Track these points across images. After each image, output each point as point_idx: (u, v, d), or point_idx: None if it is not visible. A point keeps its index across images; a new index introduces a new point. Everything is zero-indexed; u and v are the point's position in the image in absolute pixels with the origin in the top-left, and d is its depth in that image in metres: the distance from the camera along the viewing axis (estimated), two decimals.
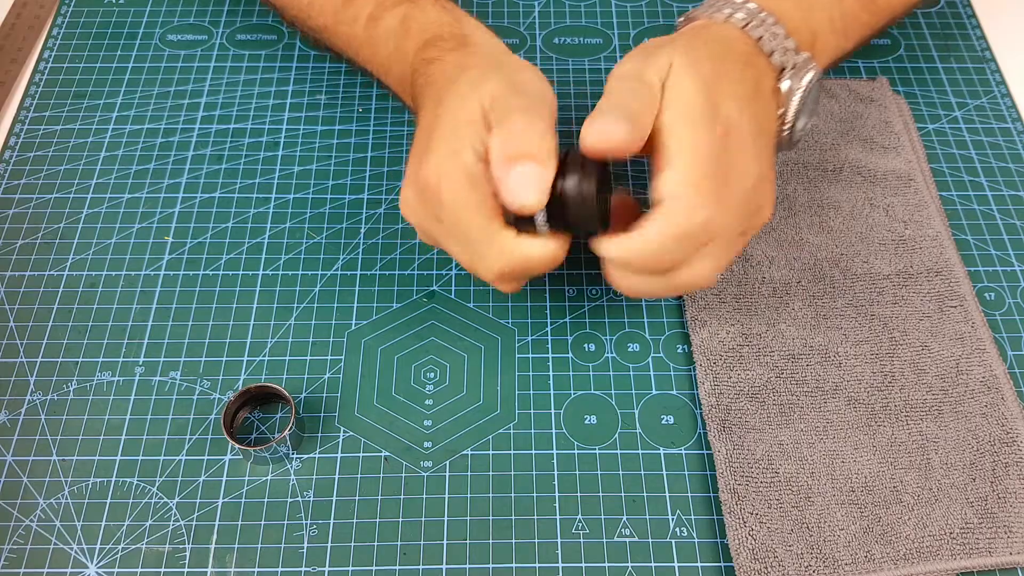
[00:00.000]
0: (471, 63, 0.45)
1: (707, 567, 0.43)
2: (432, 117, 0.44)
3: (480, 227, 0.41)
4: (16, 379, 0.48)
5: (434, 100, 0.44)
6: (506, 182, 0.39)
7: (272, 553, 0.43)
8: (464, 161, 0.41)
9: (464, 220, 0.41)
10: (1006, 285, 0.52)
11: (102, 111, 0.60)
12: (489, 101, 0.41)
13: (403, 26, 0.49)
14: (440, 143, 0.42)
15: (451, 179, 0.41)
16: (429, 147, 0.42)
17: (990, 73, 0.62)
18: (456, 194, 0.41)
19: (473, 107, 0.42)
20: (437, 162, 0.41)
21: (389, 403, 0.48)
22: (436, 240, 0.44)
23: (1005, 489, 0.44)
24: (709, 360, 0.48)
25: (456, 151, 0.41)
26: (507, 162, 0.39)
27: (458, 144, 0.41)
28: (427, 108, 0.45)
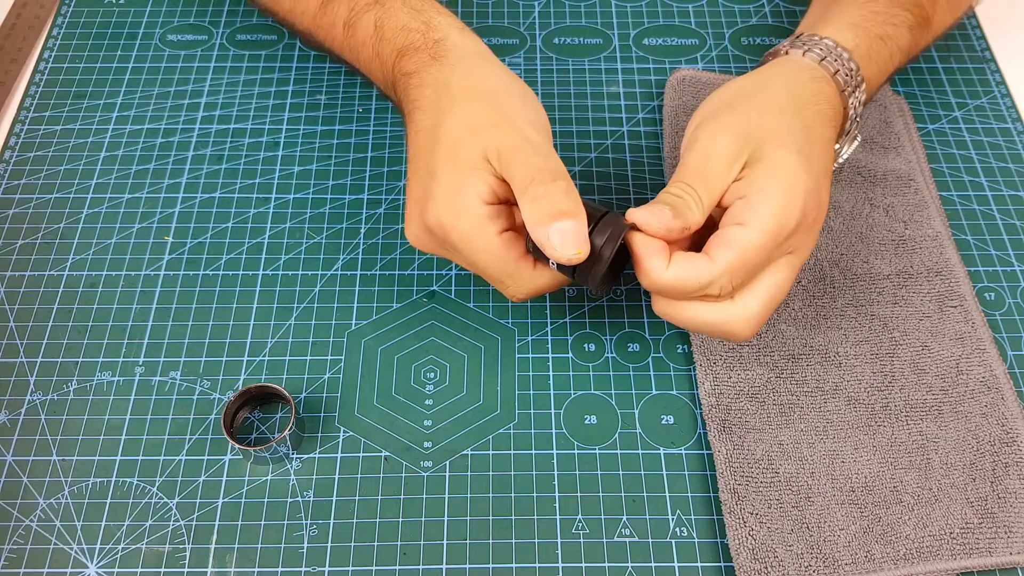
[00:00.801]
0: (454, 85, 0.45)
1: (707, 567, 0.43)
2: (428, 153, 0.44)
3: (496, 267, 0.42)
4: (16, 379, 0.48)
5: (427, 133, 0.44)
6: (550, 240, 0.40)
7: (272, 553, 0.43)
8: (470, 206, 0.41)
9: (480, 261, 0.42)
10: (1006, 285, 0.52)
11: (102, 111, 0.60)
12: (495, 153, 0.42)
13: (377, 32, 0.49)
14: (443, 188, 0.42)
15: (460, 225, 0.42)
16: (431, 191, 0.43)
17: (990, 73, 0.62)
18: (466, 240, 0.42)
19: (473, 152, 0.42)
20: (444, 208, 0.42)
21: (389, 403, 0.48)
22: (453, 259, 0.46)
23: (1005, 489, 0.44)
24: (709, 360, 0.48)
25: (460, 195, 0.42)
26: (546, 222, 0.40)
27: (462, 189, 0.42)
28: (420, 134, 0.45)
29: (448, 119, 0.44)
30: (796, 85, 0.45)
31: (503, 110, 0.43)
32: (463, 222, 0.42)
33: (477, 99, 0.44)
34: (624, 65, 0.63)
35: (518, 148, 0.42)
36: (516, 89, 0.45)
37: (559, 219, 0.40)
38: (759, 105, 0.44)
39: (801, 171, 0.41)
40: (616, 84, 0.61)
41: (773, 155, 0.42)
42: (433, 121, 0.44)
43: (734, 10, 0.66)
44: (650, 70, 0.62)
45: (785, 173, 0.41)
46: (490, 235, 0.42)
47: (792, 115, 0.44)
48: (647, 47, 0.64)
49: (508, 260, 0.42)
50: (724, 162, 0.42)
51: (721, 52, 0.63)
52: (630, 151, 0.58)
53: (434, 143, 0.44)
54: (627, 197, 0.55)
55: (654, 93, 0.61)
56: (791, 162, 0.42)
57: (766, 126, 0.43)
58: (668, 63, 0.63)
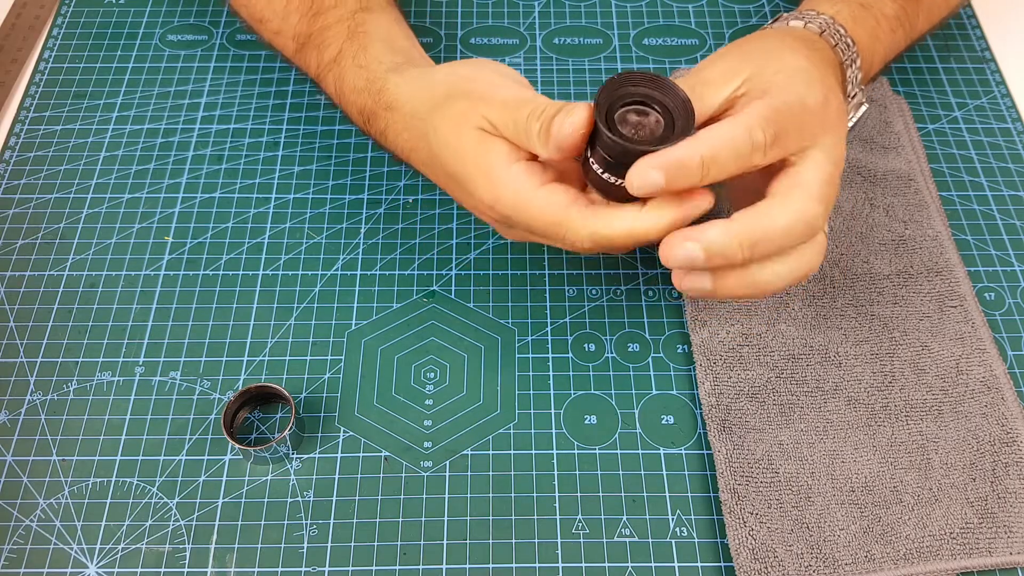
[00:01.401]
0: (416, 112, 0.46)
1: (707, 567, 0.43)
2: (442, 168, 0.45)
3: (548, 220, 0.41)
4: (16, 379, 0.48)
5: (428, 159, 0.46)
6: (559, 128, 0.39)
7: (272, 553, 0.43)
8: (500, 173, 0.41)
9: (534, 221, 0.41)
10: (1006, 285, 0.52)
11: (102, 111, 0.60)
12: (489, 125, 0.42)
13: (338, 95, 0.51)
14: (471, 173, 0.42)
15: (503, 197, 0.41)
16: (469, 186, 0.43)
17: (990, 73, 0.62)
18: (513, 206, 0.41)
19: (471, 130, 0.42)
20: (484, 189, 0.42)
21: (389, 403, 0.48)
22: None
23: (1005, 489, 0.44)
24: (709, 360, 0.48)
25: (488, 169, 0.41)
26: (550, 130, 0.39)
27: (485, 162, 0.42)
28: (437, 177, 0.47)
29: (433, 135, 0.44)
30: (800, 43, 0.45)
31: (471, 94, 0.43)
32: (503, 191, 0.41)
33: (444, 103, 0.44)
34: (624, 65, 0.63)
35: (503, 112, 0.41)
36: (468, 71, 0.45)
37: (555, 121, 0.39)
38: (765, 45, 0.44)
39: (816, 72, 0.42)
40: None
41: (786, 61, 0.42)
42: (425, 149, 0.45)
43: (734, 10, 0.66)
44: (650, 70, 0.62)
45: (799, 70, 0.41)
46: (531, 192, 0.40)
47: (802, 56, 0.43)
48: (647, 47, 0.64)
49: (558, 208, 0.40)
50: (721, 75, 0.42)
51: None
52: None
53: (438, 159, 0.44)
54: None
55: None
56: (804, 66, 0.42)
57: (773, 49, 0.43)
58: (668, 63, 0.63)
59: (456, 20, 0.65)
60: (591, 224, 0.40)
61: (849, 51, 0.47)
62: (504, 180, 0.41)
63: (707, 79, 0.42)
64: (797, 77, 0.41)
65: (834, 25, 0.47)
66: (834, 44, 0.47)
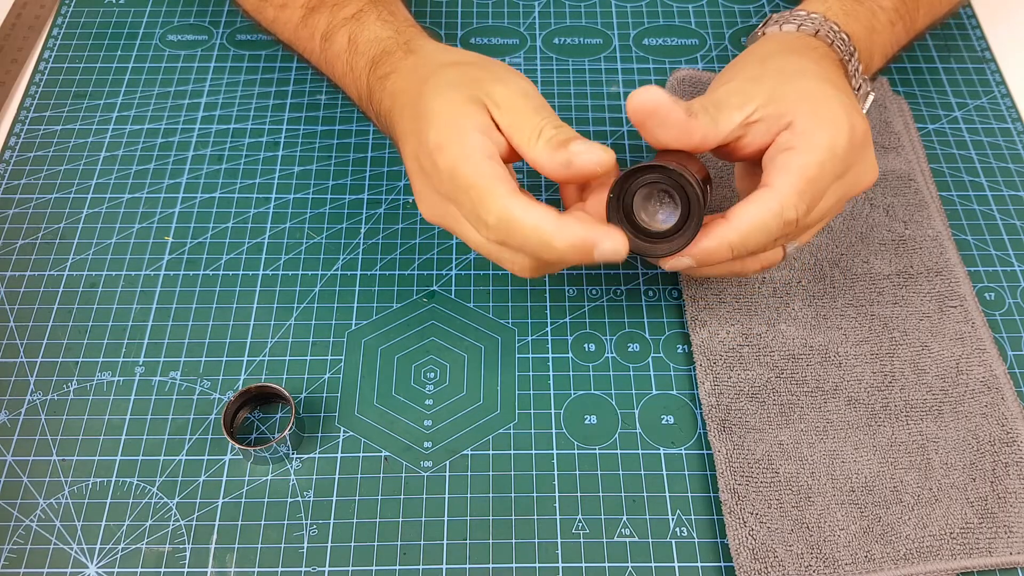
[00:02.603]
0: (434, 59, 0.45)
1: (707, 567, 0.43)
2: (415, 122, 0.43)
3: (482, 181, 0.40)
4: (16, 379, 0.48)
5: (411, 108, 0.44)
6: (575, 151, 0.39)
7: (272, 553, 0.43)
8: (466, 130, 0.40)
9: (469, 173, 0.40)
10: (1006, 285, 0.52)
11: (102, 111, 0.60)
12: (493, 103, 0.41)
13: (351, 46, 0.50)
14: (437, 118, 0.41)
15: (451, 146, 0.40)
16: (424, 128, 0.42)
17: (990, 73, 0.62)
18: (458, 156, 0.40)
19: (465, 93, 0.42)
20: (440, 132, 0.41)
21: (389, 403, 0.48)
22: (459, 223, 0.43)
23: (1005, 489, 0.44)
24: (709, 360, 0.48)
25: (456, 122, 0.41)
26: (566, 145, 0.39)
27: (458, 116, 0.41)
28: (404, 117, 0.45)
29: (434, 78, 0.43)
30: (801, 49, 0.46)
31: (495, 72, 0.43)
32: (455, 142, 0.40)
33: (462, 63, 0.44)
34: (624, 65, 0.63)
35: (522, 100, 0.41)
36: (501, 64, 0.45)
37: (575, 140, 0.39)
38: (774, 63, 0.44)
39: (832, 89, 0.42)
40: (616, 84, 0.61)
41: (801, 85, 0.42)
42: (416, 88, 0.44)
43: (734, 10, 0.66)
44: (650, 70, 0.62)
45: (818, 94, 0.42)
46: (478, 154, 0.40)
47: (809, 61, 0.44)
48: (647, 47, 0.64)
49: (487, 173, 0.40)
50: (735, 96, 0.42)
51: (721, 52, 0.63)
52: (630, 151, 0.58)
53: (421, 97, 0.43)
54: None
55: None
56: (817, 87, 0.42)
57: (780, 65, 0.43)
58: (668, 63, 0.63)
59: (456, 20, 0.65)
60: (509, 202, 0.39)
61: (845, 46, 0.47)
62: (462, 135, 0.40)
63: (720, 102, 0.42)
64: (821, 111, 0.41)
65: (827, 23, 0.47)
66: (830, 42, 0.47)
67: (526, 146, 0.41)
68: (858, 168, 0.43)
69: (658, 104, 0.39)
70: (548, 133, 0.40)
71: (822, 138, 0.40)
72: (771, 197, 0.40)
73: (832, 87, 0.43)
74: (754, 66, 0.45)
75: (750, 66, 0.45)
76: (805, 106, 0.41)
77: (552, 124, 0.40)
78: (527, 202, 0.39)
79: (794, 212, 0.40)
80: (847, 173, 0.42)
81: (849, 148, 0.41)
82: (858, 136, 0.41)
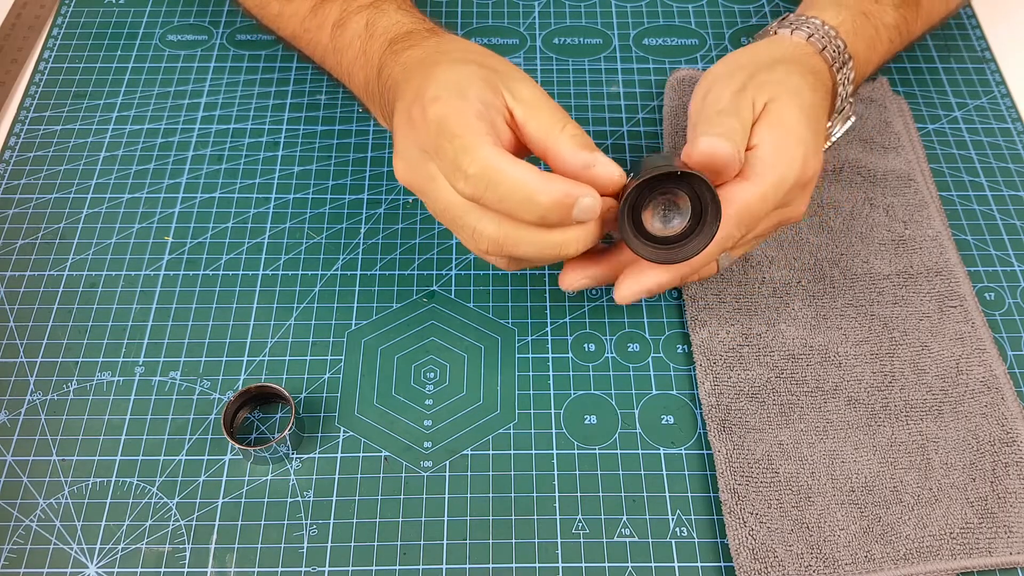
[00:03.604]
0: (450, 48, 0.45)
1: (707, 567, 0.43)
2: (420, 80, 0.43)
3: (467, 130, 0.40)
4: (16, 379, 0.48)
5: (420, 71, 0.43)
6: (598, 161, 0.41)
7: (272, 553, 0.43)
8: (471, 103, 0.41)
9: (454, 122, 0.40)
10: (1006, 285, 0.52)
11: (102, 111, 0.60)
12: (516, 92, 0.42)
13: (367, 30, 0.50)
14: (442, 75, 0.42)
15: (447, 102, 0.40)
16: (427, 83, 0.42)
17: (990, 73, 0.62)
18: (449, 110, 0.40)
19: (481, 73, 0.42)
20: (434, 89, 0.41)
21: (389, 403, 0.48)
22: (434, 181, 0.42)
23: (1005, 489, 0.44)
24: (709, 360, 0.48)
25: (460, 85, 0.41)
26: (590, 149, 0.41)
27: (464, 81, 0.41)
28: (410, 80, 0.44)
29: (457, 53, 0.44)
30: (792, 57, 0.47)
31: (516, 70, 0.44)
32: (452, 100, 0.40)
33: (488, 55, 0.45)
34: (624, 65, 0.63)
35: (545, 99, 0.43)
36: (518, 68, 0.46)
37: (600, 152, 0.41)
38: (766, 63, 0.46)
39: (803, 127, 0.44)
40: (616, 84, 0.61)
41: (777, 109, 0.44)
42: (430, 55, 0.44)
43: (734, 10, 0.66)
44: (650, 70, 0.62)
45: (788, 126, 0.43)
46: (470, 112, 0.40)
47: (797, 76, 0.45)
48: (647, 47, 0.64)
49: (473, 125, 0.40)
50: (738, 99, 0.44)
51: (721, 52, 0.63)
52: (630, 151, 0.58)
53: (431, 60, 0.43)
54: None
55: (654, 93, 0.61)
56: (794, 118, 0.44)
57: (775, 79, 0.45)
58: (668, 63, 0.63)
59: (456, 20, 0.65)
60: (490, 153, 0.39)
61: (845, 68, 0.48)
62: (461, 97, 0.40)
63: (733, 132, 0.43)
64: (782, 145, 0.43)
65: (835, 40, 0.48)
66: (831, 64, 0.48)
67: (546, 135, 0.41)
68: (797, 203, 0.45)
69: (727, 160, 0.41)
70: (572, 130, 0.41)
71: (773, 174, 0.43)
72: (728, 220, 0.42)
73: (803, 124, 0.44)
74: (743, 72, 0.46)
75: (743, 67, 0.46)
76: (772, 134, 0.43)
77: (575, 125, 0.42)
78: (511, 157, 0.39)
79: (731, 241, 0.43)
80: (787, 206, 0.45)
81: (794, 185, 0.43)
82: (807, 176, 0.44)
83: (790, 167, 0.43)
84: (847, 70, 0.48)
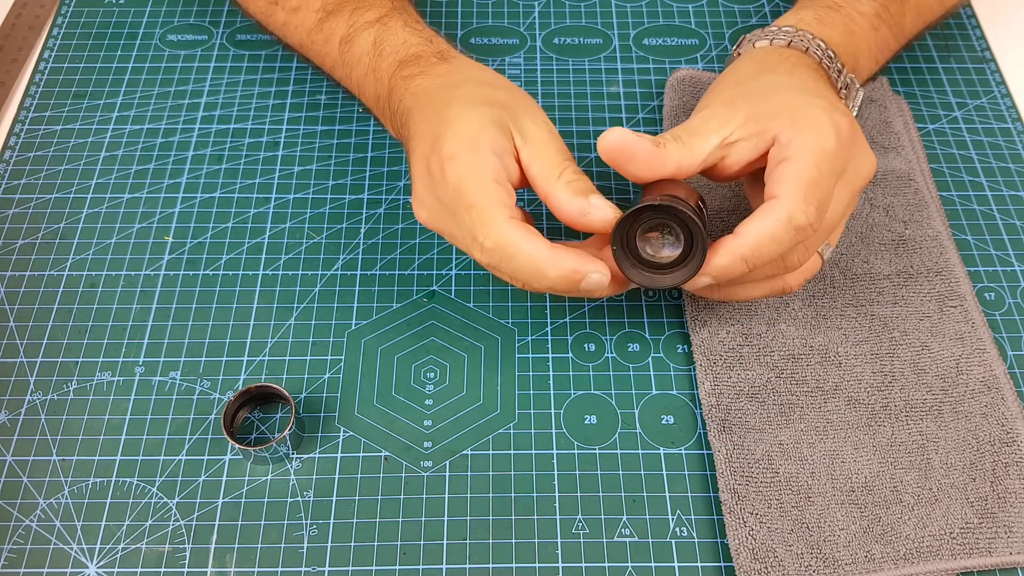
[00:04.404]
0: (459, 80, 0.46)
1: (707, 567, 0.43)
2: (434, 125, 0.44)
3: (484, 201, 0.41)
4: (16, 379, 0.48)
5: (433, 111, 0.45)
6: (592, 204, 0.41)
7: (272, 553, 0.43)
8: (481, 144, 0.42)
9: (472, 192, 0.41)
10: (1006, 285, 0.52)
11: (102, 111, 0.60)
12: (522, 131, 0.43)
13: (375, 48, 0.50)
14: (458, 122, 0.42)
15: (463, 160, 0.41)
16: (442, 131, 0.43)
17: (990, 73, 0.62)
18: (465, 172, 0.41)
19: (491, 116, 0.43)
20: (454, 142, 0.42)
21: (389, 403, 0.48)
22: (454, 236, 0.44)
23: (1005, 489, 0.44)
24: (709, 360, 0.48)
25: (475, 133, 0.42)
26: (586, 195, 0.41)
27: (479, 129, 0.42)
28: (424, 119, 0.45)
29: (462, 89, 0.44)
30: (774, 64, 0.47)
31: (527, 104, 0.45)
32: (466, 156, 0.41)
33: (494, 85, 0.45)
34: (624, 65, 0.63)
35: (550, 137, 0.43)
36: (525, 94, 0.47)
37: (594, 194, 0.41)
38: (748, 85, 0.46)
39: (808, 96, 0.43)
40: (616, 84, 0.61)
41: (777, 100, 0.43)
42: (443, 92, 0.45)
43: (734, 10, 0.66)
44: (650, 70, 0.62)
45: (795, 104, 0.43)
46: (485, 173, 0.41)
47: (782, 75, 0.45)
48: (647, 47, 0.64)
49: (491, 194, 0.41)
50: (710, 121, 0.43)
51: (721, 52, 0.63)
52: None
53: (445, 103, 0.44)
54: (627, 196, 0.55)
55: (654, 93, 0.61)
56: (796, 97, 0.43)
57: (758, 87, 0.45)
58: (668, 63, 0.63)
59: (456, 20, 0.65)
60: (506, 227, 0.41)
61: (821, 51, 0.48)
62: (475, 151, 0.41)
63: (694, 129, 0.43)
64: (799, 115, 0.42)
65: (799, 33, 0.48)
66: (805, 49, 0.47)
67: (545, 181, 0.42)
68: (856, 162, 0.43)
69: (624, 141, 0.41)
70: (569, 176, 0.42)
71: (810, 142, 0.41)
72: (776, 206, 0.41)
73: (808, 94, 0.44)
74: (729, 89, 0.46)
75: (726, 90, 0.46)
76: (785, 118, 0.42)
77: (573, 169, 0.42)
78: (525, 230, 0.41)
79: (804, 217, 0.40)
80: (847, 169, 0.43)
81: (839, 145, 0.42)
82: (844, 133, 0.42)
83: (822, 130, 0.41)
84: (825, 51, 0.48)
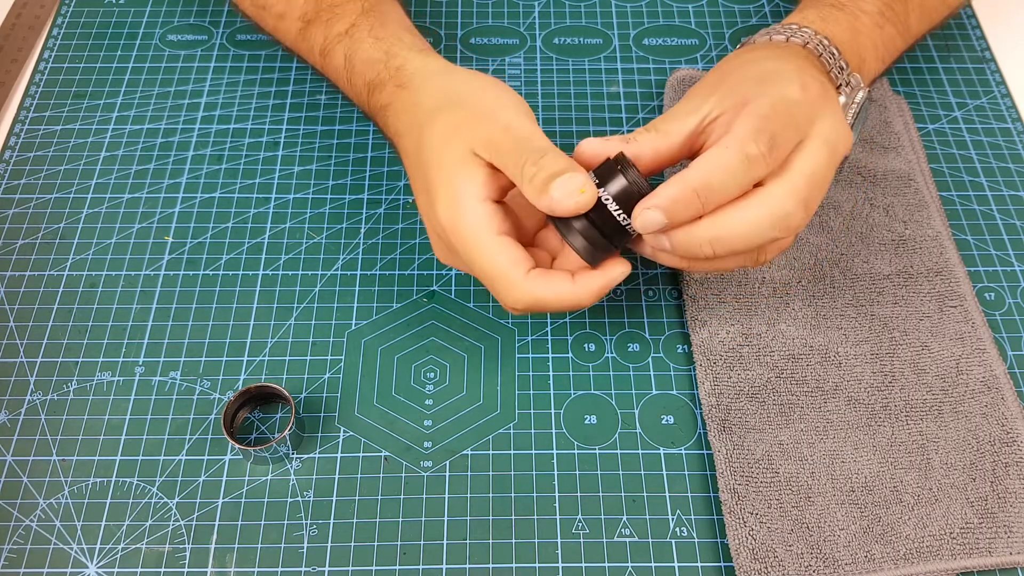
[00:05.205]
0: (425, 102, 0.46)
1: (707, 567, 0.43)
2: (422, 169, 0.44)
3: (490, 269, 0.42)
4: (16, 379, 0.48)
5: (415, 152, 0.45)
6: (553, 197, 0.40)
7: (272, 553, 0.43)
8: (466, 204, 0.42)
9: (476, 262, 0.42)
10: (1006, 285, 0.52)
11: (102, 111, 0.60)
12: (483, 145, 0.42)
13: (347, 65, 0.51)
14: (440, 190, 0.43)
15: (459, 225, 0.42)
16: (433, 199, 0.43)
17: (990, 73, 0.62)
18: (464, 240, 0.42)
19: (458, 150, 0.43)
20: (444, 208, 0.42)
21: (389, 403, 0.48)
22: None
23: (1005, 489, 0.44)
24: (709, 360, 0.48)
25: (457, 193, 0.42)
26: (547, 187, 0.40)
27: (457, 186, 0.42)
28: (410, 156, 0.46)
29: (427, 132, 0.44)
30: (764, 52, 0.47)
31: (478, 108, 0.44)
32: (462, 221, 0.42)
33: (449, 106, 0.45)
34: (624, 65, 0.63)
35: (503, 136, 0.42)
36: (486, 84, 0.46)
37: (555, 179, 0.40)
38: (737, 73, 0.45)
39: (787, 64, 0.43)
40: (616, 84, 0.61)
41: (756, 72, 0.44)
42: (415, 139, 0.45)
43: (734, 10, 0.66)
44: (650, 70, 0.62)
45: (771, 71, 0.43)
46: (487, 235, 0.42)
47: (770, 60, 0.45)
48: (647, 47, 0.64)
49: (506, 262, 0.42)
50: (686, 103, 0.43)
51: (721, 52, 0.63)
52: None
53: (422, 156, 0.44)
54: None
55: (654, 93, 0.61)
56: (775, 67, 0.44)
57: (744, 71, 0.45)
58: (668, 63, 0.63)
59: (456, 20, 0.65)
60: (530, 286, 0.42)
61: (822, 46, 0.47)
62: (467, 212, 0.42)
63: (670, 115, 0.43)
64: (768, 79, 0.43)
65: (800, 29, 0.48)
66: (804, 43, 0.47)
67: (518, 183, 0.42)
68: (823, 124, 0.42)
69: (594, 152, 0.42)
70: (529, 172, 0.41)
71: (772, 90, 0.41)
72: (728, 139, 0.40)
73: (789, 64, 0.43)
74: (710, 77, 0.46)
75: (707, 79, 0.46)
76: (759, 85, 0.42)
77: (531, 160, 0.41)
78: (545, 280, 0.42)
79: (755, 147, 0.39)
80: (814, 125, 0.42)
81: (803, 97, 0.42)
82: (812, 90, 0.42)
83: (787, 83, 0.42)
84: (828, 47, 0.47)
